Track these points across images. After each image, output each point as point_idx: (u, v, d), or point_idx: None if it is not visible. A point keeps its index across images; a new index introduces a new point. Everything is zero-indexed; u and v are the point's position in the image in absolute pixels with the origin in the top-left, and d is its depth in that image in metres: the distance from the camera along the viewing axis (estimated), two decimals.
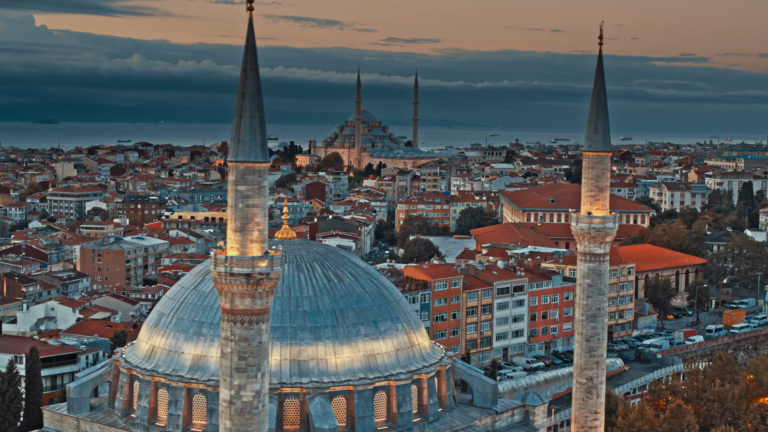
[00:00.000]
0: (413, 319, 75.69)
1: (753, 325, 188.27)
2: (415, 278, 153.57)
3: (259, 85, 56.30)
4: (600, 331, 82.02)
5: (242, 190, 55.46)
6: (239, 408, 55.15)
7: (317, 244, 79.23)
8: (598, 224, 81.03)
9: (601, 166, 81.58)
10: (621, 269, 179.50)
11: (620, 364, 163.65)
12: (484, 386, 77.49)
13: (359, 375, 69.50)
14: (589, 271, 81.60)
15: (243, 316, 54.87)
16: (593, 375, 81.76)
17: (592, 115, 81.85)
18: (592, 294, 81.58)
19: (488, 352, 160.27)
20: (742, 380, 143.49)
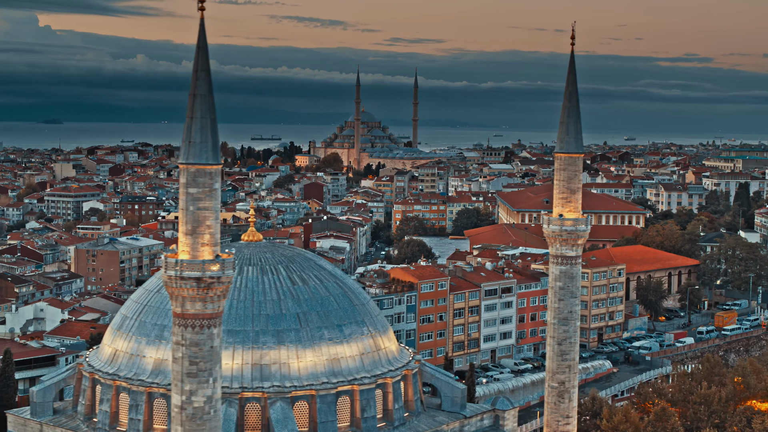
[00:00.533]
0: (380, 323, 74.84)
1: (744, 327, 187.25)
2: (402, 280, 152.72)
3: (210, 86, 55.54)
4: (572, 335, 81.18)
5: (193, 192, 54.73)
6: (190, 413, 54.45)
7: (284, 247, 78.46)
8: (570, 226, 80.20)
9: (573, 168, 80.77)
10: (611, 271, 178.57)
11: (609, 366, 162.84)
12: (453, 390, 76.66)
13: (322, 379, 68.70)
14: (561, 274, 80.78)
15: (194, 320, 54.18)
16: (565, 379, 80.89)
17: (563, 116, 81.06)
18: (564, 297, 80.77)
19: (476, 354, 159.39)
20: (729, 383, 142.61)
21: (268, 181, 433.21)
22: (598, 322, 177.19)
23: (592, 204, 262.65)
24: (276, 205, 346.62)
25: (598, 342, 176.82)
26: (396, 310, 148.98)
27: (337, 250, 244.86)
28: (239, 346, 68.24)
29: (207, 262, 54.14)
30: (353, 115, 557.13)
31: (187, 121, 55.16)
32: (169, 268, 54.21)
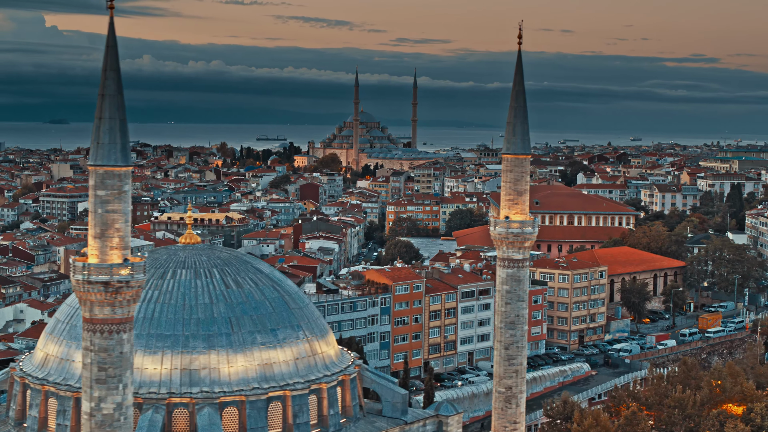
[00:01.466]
0: (318, 327, 73.54)
1: (729, 330, 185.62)
2: (377, 282, 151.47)
3: (120, 86, 54.30)
4: (519, 339, 79.80)
5: (102, 195, 53.58)
6: (100, 420, 53.38)
7: (222, 249, 77.26)
8: (516, 229, 78.82)
9: (520, 169, 79.43)
10: (593, 272, 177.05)
11: (587, 369, 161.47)
12: (394, 396, 75.37)
13: (253, 385, 67.46)
14: (508, 277, 79.46)
15: (102, 325, 53.07)
16: (512, 384, 79.51)
17: (510, 116, 79.71)
18: (511, 301, 79.44)
19: (453, 356, 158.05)
20: (705, 386, 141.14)
21: (264, 182, 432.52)
22: (579, 324, 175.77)
23: (583, 205, 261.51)
24: (270, 206, 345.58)
25: (579, 344, 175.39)
26: (370, 312, 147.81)
27: (325, 251, 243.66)
28: (168, 351, 67.05)
29: (115, 266, 52.96)
30: (353, 115, 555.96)
31: (96, 122, 54.00)
32: (76, 272, 53.08)
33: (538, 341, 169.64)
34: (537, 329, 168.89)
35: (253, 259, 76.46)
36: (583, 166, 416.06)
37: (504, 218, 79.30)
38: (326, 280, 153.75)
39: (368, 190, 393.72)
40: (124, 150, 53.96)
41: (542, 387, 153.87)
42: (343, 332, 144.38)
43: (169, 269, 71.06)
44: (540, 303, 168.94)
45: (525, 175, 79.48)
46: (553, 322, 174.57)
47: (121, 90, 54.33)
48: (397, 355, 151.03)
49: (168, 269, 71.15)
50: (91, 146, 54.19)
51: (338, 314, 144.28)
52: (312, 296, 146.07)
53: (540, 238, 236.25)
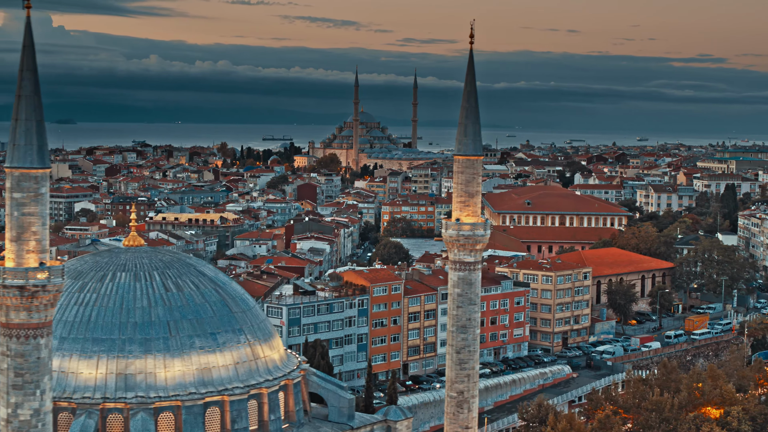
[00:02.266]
0: (262, 331, 72.47)
1: (715, 331, 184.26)
2: (354, 283, 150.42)
3: (37, 87, 53.33)
4: (471, 343, 78.60)
5: (18, 197, 52.59)
6: (17, 427, 52.44)
7: (165, 252, 76.25)
8: (467, 231, 77.60)
9: (471, 171, 78.19)
10: (576, 274, 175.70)
11: (568, 371, 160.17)
12: (340, 401, 74.30)
13: (190, 389, 66.44)
14: (459, 280, 78.23)
15: (19, 330, 52.12)
16: (464, 388, 78.35)
17: (462, 117, 78.51)
18: (462, 304, 78.22)
19: (432, 358, 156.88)
20: (684, 389, 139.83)
21: (262, 182, 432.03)
22: (563, 326, 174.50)
23: (575, 206, 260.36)
24: (267, 206, 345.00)
25: (562, 346, 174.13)
26: (347, 313, 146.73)
27: (316, 252, 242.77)
28: (104, 355, 66.09)
29: (31, 269, 51.99)
30: (353, 115, 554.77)
31: (12, 123, 53.03)
32: None
33: (520, 343, 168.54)
34: (519, 331, 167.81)
35: (197, 261, 75.42)
36: (581, 167, 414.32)
37: (455, 220, 78.00)
38: (304, 282, 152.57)
39: (365, 190, 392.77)
40: (40, 152, 53.01)
41: (522, 389, 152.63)
42: (320, 334, 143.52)
43: (109, 272, 70.14)
44: (522, 304, 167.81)
45: (477, 177, 78.22)
46: (537, 324, 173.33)
47: (39, 91, 53.37)
48: (375, 357, 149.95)
49: (108, 272, 70.23)
50: (8, 148, 53.21)
51: (314, 316, 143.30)
52: (288, 298, 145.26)
53: (530, 239, 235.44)
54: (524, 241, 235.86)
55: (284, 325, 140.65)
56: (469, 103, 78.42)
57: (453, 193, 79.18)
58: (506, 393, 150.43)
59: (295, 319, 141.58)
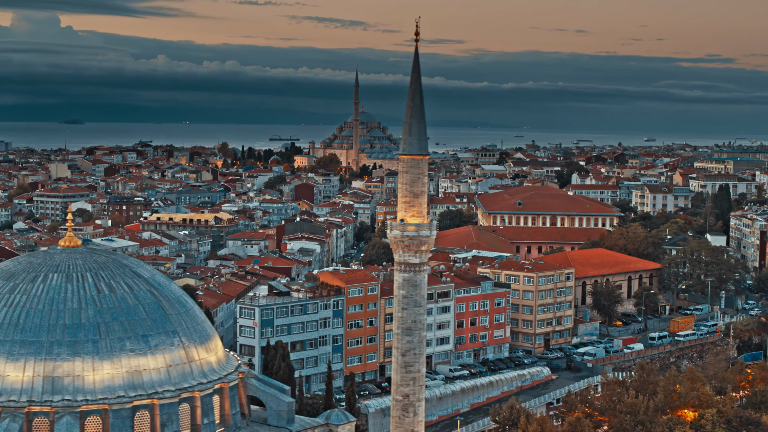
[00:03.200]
0: (199, 333, 71.32)
1: (700, 333, 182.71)
2: (330, 284, 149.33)
3: None
4: (416, 346, 77.37)
5: None
6: None
7: (101, 253, 75.10)
8: (412, 232, 76.38)
9: (416, 171, 76.99)
10: (558, 275, 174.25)
11: (547, 373, 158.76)
12: (279, 404, 73.14)
13: (118, 393, 65.32)
14: (405, 282, 77.03)
15: None
16: (409, 392, 77.09)
17: (407, 116, 77.31)
18: (408, 306, 77.00)
19: None
20: (661, 391, 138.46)
21: (260, 182, 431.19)
22: (545, 327, 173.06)
23: (566, 206, 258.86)
24: (263, 206, 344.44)
25: (544, 347, 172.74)
26: (322, 315, 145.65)
27: (305, 252, 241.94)
28: (31, 358, 64.99)
29: None
30: (353, 115, 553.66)
31: None
32: None
33: (501, 344, 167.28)
34: (500, 332, 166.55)
35: (134, 263, 74.28)
36: (580, 167, 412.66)
37: (399, 221, 76.79)
38: (279, 283, 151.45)
39: (362, 190, 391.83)
40: None
41: (499, 391, 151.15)
42: (293, 335, 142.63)
43: (41, 273, 69.07)
44: (503, 306, 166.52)
45: (422, 177, 77.03)
46: (518, 325, 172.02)
47: None
48: (351, 359, 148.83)
49: (40, 273, 69.17)
50: None
51: (288, 317, 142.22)
52: (262, 299, 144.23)
53: (519, 240, 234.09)
54: (513, 242, 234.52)
55: (257, 327, 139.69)
56: (414, 102, 77.28)
57: (398, 193, 78.01)
58: (483, 395, 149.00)
59: (268, 320, 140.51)
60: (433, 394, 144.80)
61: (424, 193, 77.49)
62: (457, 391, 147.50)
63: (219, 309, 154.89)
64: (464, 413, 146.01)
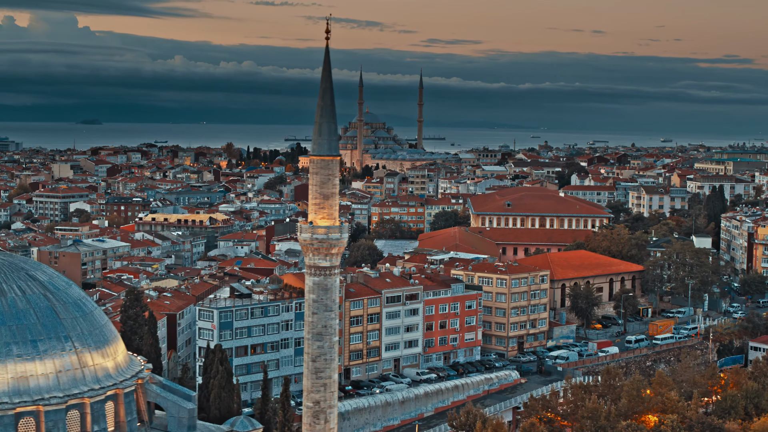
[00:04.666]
0: (95, 338, 69.50)
1: (678, 336, 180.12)
2: (293, 286, 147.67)
3: None
4: (327, 351, 75.57)
5: None
6: None
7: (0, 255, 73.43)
8: (322, 235, 74.56)
9: (327, 172, 75.18)
10: (533, 277, 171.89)
11: (515, 377, 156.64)
12: (180, 410, 71.26)
13: (2, 399, 63.61)
14: (315, 286, 75.25)
15: None
16: (320, 398, 75.30)
17: (317, 116, 75.46)
18: (318, 310, 75.23)
19: (376, 363, 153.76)
20: (625, 396, 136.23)
21: (260, 183, 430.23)
22: (518, 330, 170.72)
23: (555, 207, 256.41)
24: (261, 207, 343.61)
25: (518, 350, 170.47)
26: (284, 317, 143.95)
27: (292, 253, 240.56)
28: None
29: None
30: (357, 116, 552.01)
31: None
32: None
33: (472, 347, 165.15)
34: (471, 335, 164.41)
35: (34, 265, 72.59)
36: (580, 168, 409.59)
37: (308, 223, 75.01)
38: (242, 285, 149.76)
39: (361, 191, 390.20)
40: None
41: (465, 395, 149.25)
42: (254, 338, 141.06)
43: None
44: (474, 308, 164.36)
45: (333, 178, 75.22)
46: (491, 328, 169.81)
47: None
48: None
49: None
50: None
51: (248, 319, 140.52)
52: (222, 301, 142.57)
53: (505, 241, 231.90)
54: (499, 243, 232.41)
55: (215, 329, 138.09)
56: (324, 101, 75.53)
57: (309, 194, 76.26)
58: (448, 399, 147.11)
59: (227, 323, 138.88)
60: (395, 397, 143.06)
61: (335, 194, 75.73)
62: (420, 395, 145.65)
63: (186, 311, 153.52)
64: (428, 417, 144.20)
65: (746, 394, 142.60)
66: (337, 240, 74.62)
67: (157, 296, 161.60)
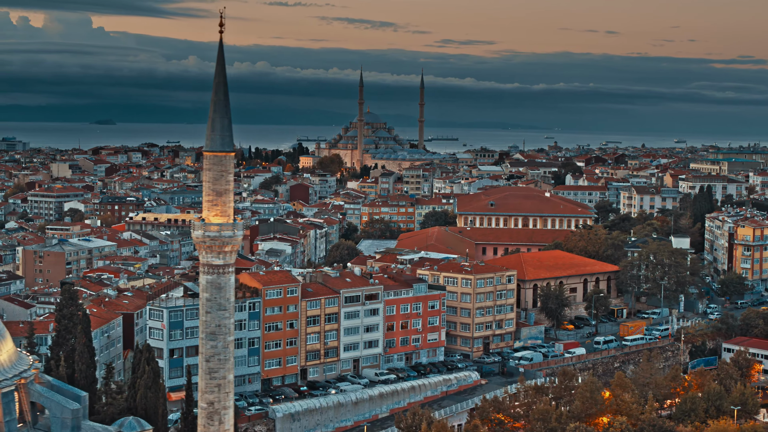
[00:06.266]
0: None
1: (650, 337, 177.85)
2: (248, 285, 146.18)
3: None
4: (221, 351, 74.01)
5: None
6: None
7: None
8: (214, 232, 72.98)
9: (220, 168, 73.67)
10: (499, 277, 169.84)
11: (475, 378, 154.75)
12: (63, 411, 69.97)
13: None
14: (208, 284, 73.75)
15: None
16: (214, 399, 73.72)
17: (210, 111, 73.94)
18: (211, 309, 73.71)
19: (335, 363, 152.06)
20: (578, 398, 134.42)
21: (257, 182, 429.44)
22: (484, 330, 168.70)
23: (539, 207, 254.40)
24: (254, 206, 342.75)
25: (483, 351, 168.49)
26: (237, 317, 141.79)
27: (274, 253, 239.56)
28: None
29: None
30: (357, 116, 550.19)
31: None
32: None
33: (435, 348, 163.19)
34: (434, 336, 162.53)
35: None
36: (576, 168, 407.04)
37: (200, 221, 73.46)
38: (195, 284, 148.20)
39: (355, 191, 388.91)
40: None
41: (422, 396, 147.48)
42: None
43: None
44: (438, 308, 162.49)
45: (226, 174, 73.74)
46: (457, 329, 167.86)
47: None
48: (269, 362, 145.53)
49: None
50: None
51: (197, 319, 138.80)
52: (173, 300, 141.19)
53: (486, 241, 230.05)
54: (479, 243, 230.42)
55: (165, 329, 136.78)
56: (218, 96, 74.05)
57: (203, 191, 74.74)
58: (404, 400, 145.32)
59: (177, 323, 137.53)
60: (348, 398, 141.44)
61: (229, 191, 74.22)
62: (375, 396, 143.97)
63: (144, 311, 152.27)
64: (383, 418, 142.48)
65: (708, 397, 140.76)
66: (230, 238, 73.10)
67: (116, 295, 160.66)
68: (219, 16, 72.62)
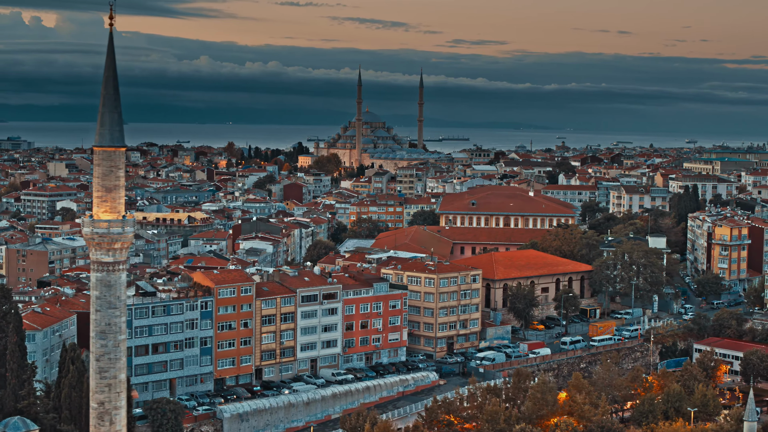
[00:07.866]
0: None
1: (618, 338, 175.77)
2: (201, 284, 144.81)
3: None
4: (111, 350, 72.56)
5: None
6: None
7: None
8: (103, 229, 71.47)
9: (110, 163, 72.18)
10: (463, 276, 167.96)
11: (433, 378, 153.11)
12: None
13: None
14: (98, 282, 72.26)
15: None
16: (105, 399, 72.24)
17: (100, 105, 72.40)
18: (101, 308, 72.27)
19: (291, 363, 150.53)
20: (530, 399, 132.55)
21: (251, 182, 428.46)
22: (448, 330, 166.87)
23: (521, 206, 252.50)
24: (246, 206, 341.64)
25: (447, 351, 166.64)
26: (188, 316, 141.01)
27: (253, 252, 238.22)
28: None
29: None
30: (356, 115, 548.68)
31: None
32: None
33: (397, 348, 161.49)
34: (396, 335, 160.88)
35: None
36: (570, 167, 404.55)
37: (89, 217, 71.97)
38: (147, 282, 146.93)
39: (348, 190, 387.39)
40: None
41: (377, 397, 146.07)
42: (156, 337, 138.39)
43: None
44: (399, 308, 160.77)
45: (117, 170, 72.23)
46: (420, 329, 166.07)
47: None
48: (222, 362, 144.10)
49: None
50: None
51: (149, 318, 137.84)
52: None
53: (464, 240, 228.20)
54: (457, 242, 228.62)
55: None
56: (108, 90, 72.62)
57: (93, 187, 73.25)
58: (358, 400, 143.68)
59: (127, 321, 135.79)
60: (300, 399, 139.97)
61: (119, 187, 72.67)
62: (328, 396, 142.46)
63: None
64: (336, 419, 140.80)
65: (668, 398, 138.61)
66: (119, 235, 71.61)
67: (73, 294, 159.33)
68: (110, 8, 70.98)
